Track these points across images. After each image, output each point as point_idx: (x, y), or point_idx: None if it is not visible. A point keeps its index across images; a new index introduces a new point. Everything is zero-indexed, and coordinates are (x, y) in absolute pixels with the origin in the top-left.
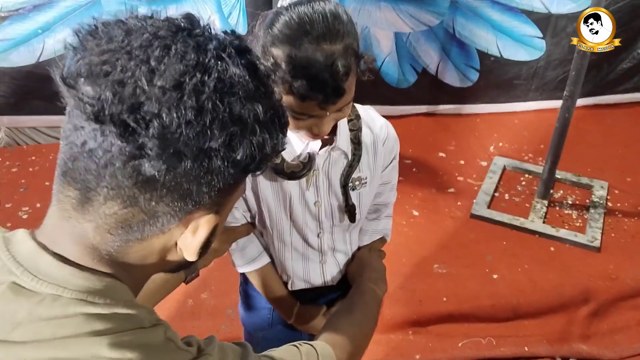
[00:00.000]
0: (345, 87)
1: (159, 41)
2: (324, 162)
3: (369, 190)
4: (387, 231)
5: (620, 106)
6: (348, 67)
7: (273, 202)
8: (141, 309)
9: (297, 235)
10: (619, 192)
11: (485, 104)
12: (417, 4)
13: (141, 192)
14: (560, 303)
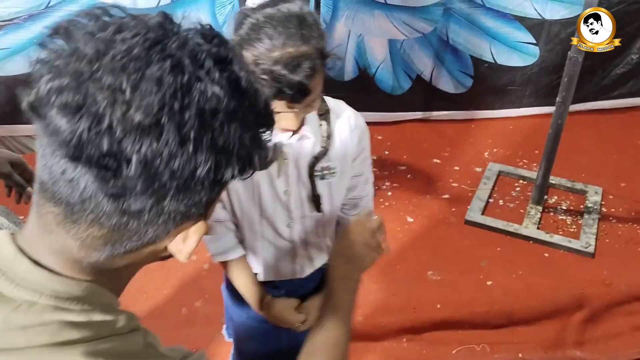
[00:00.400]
0: (311, 87)
1: (132, 64)
2: (293, 152)
3: (339, 181)
4: None
5: (615, 111)
6: (313, 69)
7: (242, 190)
8: (120, 314)
9: (267, 225)
10: (614, 197)
11: (480, 110)
12: (410, 12)
13: (129, 219)
14: (554, 309)
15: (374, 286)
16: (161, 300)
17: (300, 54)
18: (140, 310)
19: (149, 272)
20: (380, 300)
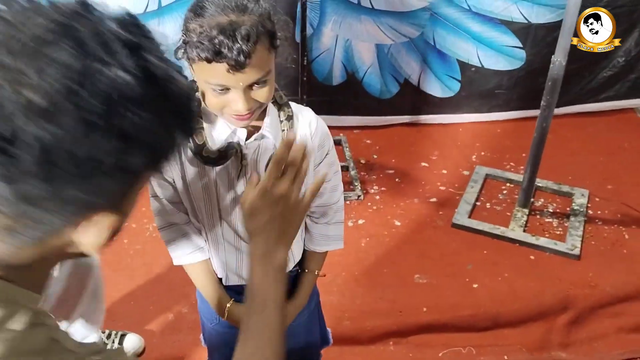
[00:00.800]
0: (250, 52)
1: (36, 46)
2: (252, 153)
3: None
4: (339, 238)
5: (602, 114)
6: (253, 34)
7: (201, 191)
8: (20, 310)
9: (228, 228)
10: (600, 199)
11: (467, 113)
12: (397, 17)
13: (29, 206)
14: (539, 311)
15: (360, 290)
16: (148, 307)
17: (241, 21)
18: (128, 316)
19: (135, 279)
20: (367, 304)
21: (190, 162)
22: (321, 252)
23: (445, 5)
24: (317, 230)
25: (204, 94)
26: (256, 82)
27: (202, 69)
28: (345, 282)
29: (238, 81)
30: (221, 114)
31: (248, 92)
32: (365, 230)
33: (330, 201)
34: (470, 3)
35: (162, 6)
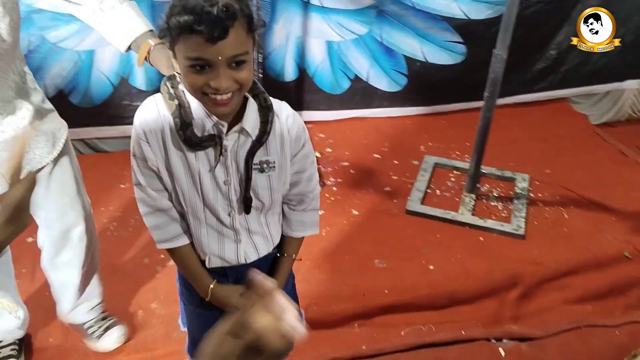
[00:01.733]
0: (228, 25)
1: None
2: (232, 145)
3: (278, 175)
4: (315, 224)
5: (537, 104)
6: (231, 8)
7: (184, 178)
8: None
9: (210, 214)
10: (540, 183)
11: (414, 106)
12: (345, 14)
13: None
14: (491, 288)
15: (324, 276)
16: (117, 305)
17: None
18: None
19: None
20: (331, 289)
21: (175, 150)
22: (298, 237)
23: (391, 3)
24: (294, 217)
25: (185, 76)
26: (234, 60)
27: (182, 44)
28: (309, 269)
29: (217, 54)
30: (201, 96)
31: (227, 71)
32: (326, 220)
33: (306, 189)
34: (414, 0)
35: None
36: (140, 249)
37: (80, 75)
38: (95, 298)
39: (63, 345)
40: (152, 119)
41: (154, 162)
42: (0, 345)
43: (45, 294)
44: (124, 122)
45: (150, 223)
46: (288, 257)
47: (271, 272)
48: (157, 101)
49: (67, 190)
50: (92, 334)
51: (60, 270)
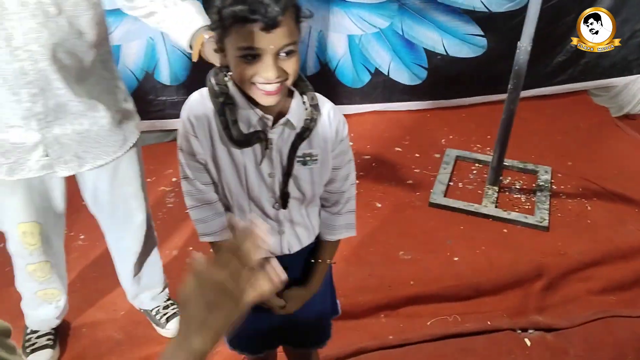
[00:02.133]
0: (281, 15)
1: None
2: (277, 138)
3: (320, 168)
4: (351, 226)
5: (557, 96)
6: (285, 2)
7: (230, 172)
8: None
9: (255, 206)
10: (562, 175)
11: (434, 100)
12: (367, 8)
13: None
14: (516, 280)
15: (351, 268)
16: None
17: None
18: (128, 306)
19: None
20: (358, 280)
21: (221, 144)
22: (333, 240)
23: None
24: (330, 221)
25: (235, 68)
26: (285, 49)
27: (235, 34)
28: (336, 262)
29: (269, 43)
30: (250, 87)
31: (277, 61)
32: None
33: (342, 189)
34: None
35: None
36: (168, 241)
37: None
38: (158, 286)
39: (96, 336)
40: (199, 113)
41: (202, 155)
42: (36, 335)
43: (78, 285)
44: (149, 117)
45: (195, 216)
46: (323, 262)
47: (306, 277)
48: (203, 95)
49: (132, 182)
50: (159, 320)
51: (120, 255)
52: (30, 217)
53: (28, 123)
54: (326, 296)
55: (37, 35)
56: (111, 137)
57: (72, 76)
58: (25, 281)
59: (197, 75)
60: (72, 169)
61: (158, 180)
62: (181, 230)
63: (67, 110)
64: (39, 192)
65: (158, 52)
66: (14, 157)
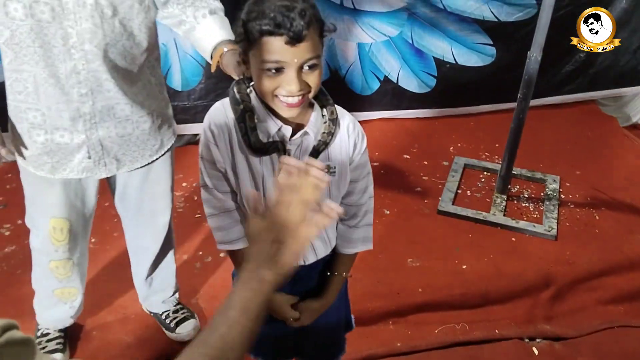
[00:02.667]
0: (305, 30)
1: None
2: (296, 149)
3: (338, 181)
4: (368, 240)
5: (566, 106)
6: (308, 13)
7: (248, 181)
8: None
9: None
10: (570, 184)
11: (443, 108)
12: (377, 16)
13: None
14: (524, 288)
15: (359, 274)
16: None
17: (297, 4)
18: (138, 309)
19: None
20: (366, 287)
21: (240, 153)
22: (350, 254)
23: (422, 5)
24: (347, 234)
25: (258, 80)
26: (308, 63)
27: (260, 48)
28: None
29: (293, 57)
30: (272, 99)
31: (300, 74)
32: None
33: (359, 202)
34: (445, 3)
35: None
36: (178, 245)
37: None
38: (169, 290)
39: (106, 338)
40: (220, 122)
41: (221, 164)
42: (47, 338)
43: (89, 288)
44: None
45: (214, 224)
46: (339, 275)
47: (321, 289)
48: (224, 105)
49: (162, 182)
50: (168, 324)
51: (138, 254)
52: (62, 214)
53: (75, 124)
54: (340, 310)
55: (92, 36)
56: (150, 141)
57: (121, 78)
58: (45, 278)
59: (208, 82)
60: (110, 171)
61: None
62: (191, 235)
63: (114, 113)
64: (74, 190)
65: (170, 58)
66: (57, 156)
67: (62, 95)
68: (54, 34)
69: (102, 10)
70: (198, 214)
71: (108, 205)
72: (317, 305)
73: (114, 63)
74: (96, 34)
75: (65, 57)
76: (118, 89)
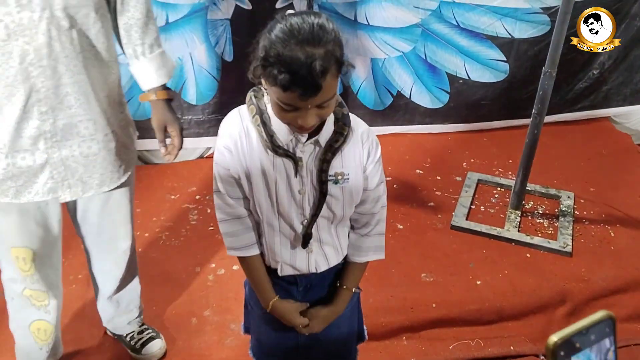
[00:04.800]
0: (321, 84)
1: None
2: (309, 155)
3: (351, 187)
4: (379, 249)
5: (579, 123)
6: (325, 68)
7: (261, 187)
8: None
9: (284, 222)
10: (585, 201)
11: (456, 123)
12: (391, 32)
13: None
14: (539, 305)
15: (373, 289)
16: (170, 312)
17: (316, 54)
18: (152, 321)
19: (157, 287)
20: (380, 302)
21: (254, 159)
22: (361, 262)
23: (436, 22)
24: (358, 242)
25: (274, 108)
26: (324, 104)
27: (275, 90)
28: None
29: (307, 104)
30: (285, 122)
31: (314, 111)
32: None
33: (372, 210)
34: (458, 19)
35: (169, 22)
36: (191, 258)
37: (135, 88)
38: (135, 311)
39: None
40: (235, 129)
41: (235, 170)
42: None
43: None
44: None
45: (225, 230)
46: (347, 290)
47: (332, 297)
48: (241, 112)
49: (123, 209)
50: (133, 345)
51: (101, 277)
52: (23, 243)
53: (35, 143)
54: (353, 321)
55: (49, 50)
56: (116, 162)
57: (83, 93)
58: (22, 309)
59: (223, 96)
60: (76, 194)
61: (182, 198)
62: (204, 247)
63: (77, 132)
64: (34, 218)
65: (186, 72)
66: (21, 180)
67: (22, 115)
68: (10, 52)
69: (58, 22)
70: (211, 227)
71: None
72: (326, 312)
73: (74, 78)
74: (54, 48)
75: (23, 77)
76: (79, 104)
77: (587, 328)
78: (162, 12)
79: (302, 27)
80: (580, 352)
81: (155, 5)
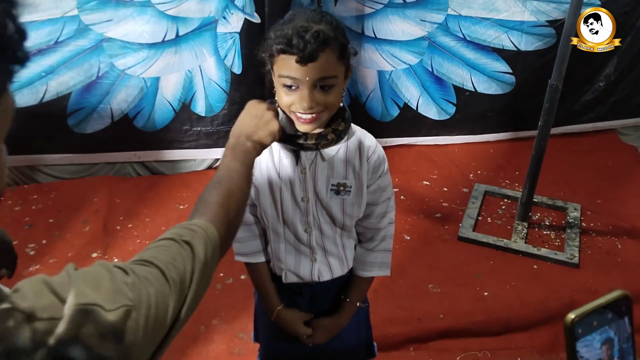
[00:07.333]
0: (318, 52)
1: None
2: (310, 164)
3: (353, 200)
4: (385, 265)
5: (585, 135)
6: (324, 38)
7: (267, 194)
8: None
9: (288, 229)
10: (591, 213)
11: (462, 135)
12: (398, 45)
13: None
14: (546, 316)
15: (380, 299)
16: None
17: (314, 26)
18: None
19: None
20: (387, 312)
21: (260, 166)
22: (365, 277)
23: (442, 35)
24: (364, 257)
25: (278, 95)
26: (321, 82)
27: (278, 64)
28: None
29: (305, 75)
30: (290, 113)
31: (313, 92)
32: None
33: (377, 225)
34: (465, 32)
35: (180, 35)
36: None
37: (145, 100)
38: None
39: None
40: None
41: None
42: None
43: None
44: (182, 147)
45: None
46: (351, 303)
47: (336, 309)
48: None
49: None
50: None
51: None
52: None
53: None
54: (360, 334)
55: None
56: None
57: None
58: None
59: (231, 108)
60: None
61: (190, 208)
62: None
63: None
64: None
65: (195, 85)
66: None
67: None
68: None
69: None
70: None
71: (131, 226)
72: (329, 323)
73: None
74: None
75: None
76: None
77: (604, 306)
78: (173, 26)
79: (305, 12)
80: (597, 330)
81: (166, 19)
